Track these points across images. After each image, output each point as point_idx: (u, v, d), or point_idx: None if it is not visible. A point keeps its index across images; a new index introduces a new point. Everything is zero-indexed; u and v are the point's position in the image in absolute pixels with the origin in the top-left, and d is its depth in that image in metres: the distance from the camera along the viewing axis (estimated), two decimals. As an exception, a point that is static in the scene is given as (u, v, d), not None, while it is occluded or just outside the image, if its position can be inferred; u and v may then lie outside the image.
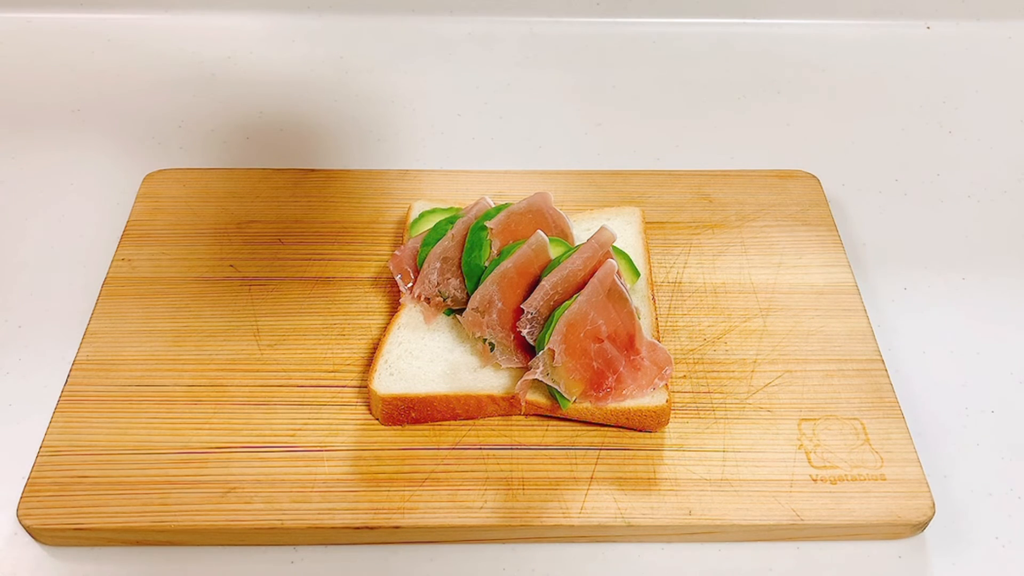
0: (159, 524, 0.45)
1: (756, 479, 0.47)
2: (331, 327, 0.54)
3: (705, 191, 0.63)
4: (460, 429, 0.49)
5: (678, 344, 0.54)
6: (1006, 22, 0.81)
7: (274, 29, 0.80)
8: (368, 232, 0.60)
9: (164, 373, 0.52)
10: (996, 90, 0.76)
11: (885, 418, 0.50)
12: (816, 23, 0.82)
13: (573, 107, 0.75)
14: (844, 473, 0.47)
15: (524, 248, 0.51)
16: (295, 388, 0.51)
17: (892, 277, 0.60)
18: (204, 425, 0.49)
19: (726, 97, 0.76)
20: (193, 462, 0.48)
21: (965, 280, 0.60)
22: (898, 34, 0.81)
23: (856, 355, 0.53)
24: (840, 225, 0.61)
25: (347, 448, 0.48)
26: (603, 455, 0.48)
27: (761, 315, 0.55)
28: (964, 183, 0.68)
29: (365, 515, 0.46)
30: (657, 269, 0.58)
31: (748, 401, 0.51)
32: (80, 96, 0.74)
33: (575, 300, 0.48)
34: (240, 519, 0.46)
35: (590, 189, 0.63)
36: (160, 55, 0.78)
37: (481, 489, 0.47)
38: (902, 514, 0.46)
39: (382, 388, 0.49)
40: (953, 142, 0.72)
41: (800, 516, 0.46)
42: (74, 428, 0.49)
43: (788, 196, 0.63)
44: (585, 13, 0.82)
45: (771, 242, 0.60)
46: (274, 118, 0.72)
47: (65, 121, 0.72)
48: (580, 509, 0.46)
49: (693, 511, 0.46)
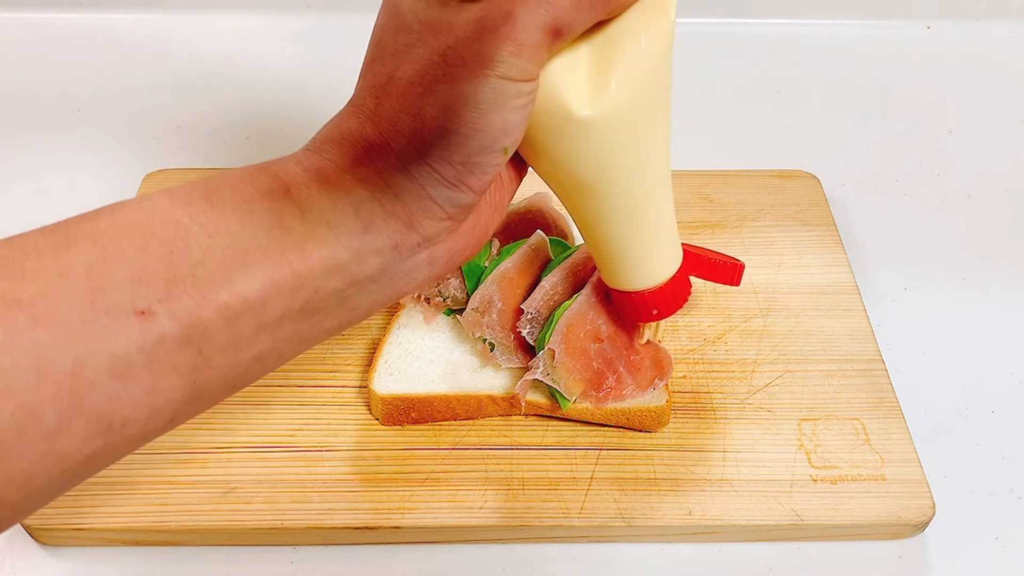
0: (159, 524, 0.45)
1: (756, 479, 0.47)
2: (331, 327, 0.54)
3: (705, 191, 0.63)
4: (460, 429, 0.49)
5: (678, 344, 0.54)
6: (1006, 22, 0.81)
7: (274, 29, 0.80)
8: (368, 232, 0.60)
9: (164, 373, 0.52)
10: (996, 90, 0.76)
11: (885, 418, 0.50)
12: (816, 23, 0.82)
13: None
14: (844, 473, 0.47)
15: (524, 248, 0.51)
16: (295, 388, 0.51)
17: (892, 277, 0.60)
18: (204, 425, 0.49)
19: (726, 97, 0.76)
20: (193, 462, 0.48)
21: (965, 280, 0.60)
22: (898, 34, 0.81)
23: (856, 355, 0.53)
24: (840, 225, 0.61)
25: (347, 448, 0.48)
26: (603, 455, 0.48)
27: (761, 315, 0.55)
28: (964, 183, 0.68)
29: (365, 515, 0.46)
30: (657, 269, 0.58)
31: (748, 401, 0.51)
32: (80, 96, 0.74)
33: (575, 300, 0.48)
34: (240, 519, 0.46)
35: (590, 189, 0.63)
36: (160, 55, 0.78)
37: (481, 489, 0.47)
38: (902, 514, 0.46)
39: (382, 388, 0.49)
40: (953, 142, 0.72)
41: (800, 516, 0.46)
42: (74, 428, 0.49)
43: (788, 196, 0.63)
44: (585, 13, 0.82)
45: (771, 242, 0.60)
46: (274, 118, 0.72)
47: (65, 121, 0.72)
48: (580, 509, 0.46)
49: (693, 511, 0.46)
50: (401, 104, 0.32)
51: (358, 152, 0.33)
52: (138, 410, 0.29)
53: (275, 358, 0.34)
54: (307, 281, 0.32)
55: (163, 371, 0.29)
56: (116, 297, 0.29)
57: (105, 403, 0.28)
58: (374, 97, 0.33)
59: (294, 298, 0.32)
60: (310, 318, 0.33)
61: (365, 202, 0.33)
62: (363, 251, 0.33)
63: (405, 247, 0.34)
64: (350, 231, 0.33)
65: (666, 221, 0.43)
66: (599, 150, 0.37)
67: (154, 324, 0.29)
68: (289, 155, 0.34)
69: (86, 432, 0.28)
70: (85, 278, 0.28)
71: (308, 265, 0.32)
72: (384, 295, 0.35)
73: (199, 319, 0.30)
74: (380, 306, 0.36)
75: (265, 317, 0.31)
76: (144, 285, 0.29)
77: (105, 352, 0.28)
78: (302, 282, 0.32)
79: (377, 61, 0.34)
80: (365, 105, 0.34)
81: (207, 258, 0.30)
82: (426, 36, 0.32)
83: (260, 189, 0.32)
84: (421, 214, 0.33)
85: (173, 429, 0.32)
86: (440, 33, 0.32)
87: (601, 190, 0.39)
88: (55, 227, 0.30)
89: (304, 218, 0.32)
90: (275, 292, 0.31)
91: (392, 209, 0.33)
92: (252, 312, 0.31)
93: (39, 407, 0.27)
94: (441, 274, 0.37)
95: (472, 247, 0.37)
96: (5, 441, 0.27)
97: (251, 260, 0.31)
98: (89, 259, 0.29)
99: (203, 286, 0.30)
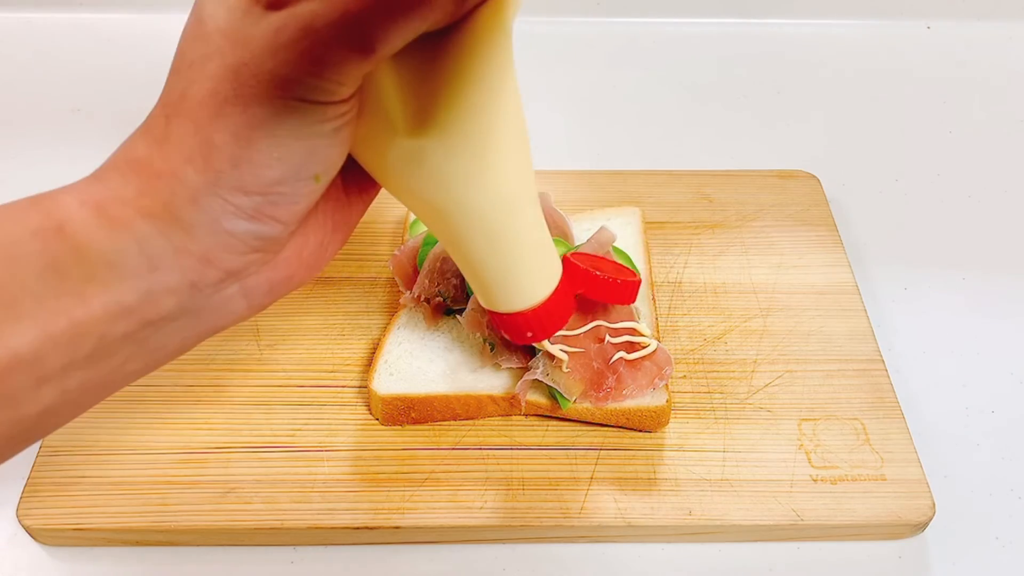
0: (159, 524, 0.45)
1: (756, 479, 0.47)
2: (331, 327, 0.54)
3: (705, 191, 0.63)
4: (460, 429, 0.49)
5: (678, 344, 0.54)
6: (1006, 22, 0.81)
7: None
8: (367, 232, 0.60)
9: (164, 373, 0.51)
10: (996, 90, 0.76)
11: (885, 418, 0.50)
12: (816, 23, 0.82)
13: (573, 107, 0.75)
14: (844, 473, 0.47)
15: (524, 248, 0.51)
16: (295, 388, 0.51)
17: (892, 277, 0.60)
18: (204, 425, 0.49)
19: (726, 97, 0.76)
20: (193, 462, 0.48)
21: (965, 280, 0.60)
22: (898, 34, 0.81)
23: (856, 355, 0.53)
24: (840, 225, 0.61)
25: (347, 448, 0.48)
26: (603, 455, 0.48)
27: (761, 315, 0.55)
28: (964, 183, 0.68)
29: (365, 515, 0.46)
30: (657, 269, 0.58)
31: (748, 401, 0.51)
32: (80, 96, 0.74)
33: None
34: (240, 519, 0.46)
35: (590, 189, 0.63)
36: (160, 55, 0.78)
37: (481, 489, 0.47)
38: (902, 514, 0.46)
39: (382, 388, 0.49)
40: (953, 142, 0.72)
41: (800, 516, 0.46)
42: (74, 428, 0.49)
43: (788, 196, 0.63)
44: (585, 13, 0.82)
45: (771, 242, 0.60)
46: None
47: (65, 121, 0.72)
48: (580, 509, 0.46)
49: (693, 511, 0.46)
50: (191, 127, 0.29)
51: (143, 181, 0.29)
52: None
53: (70, 408, 0.30)
54: (89, 328, 0.28)
55: None
56: None
57: None
58: (164, 117, 0.30)
59: (77, 347, 0.28)
60: (102, 364, 0.30)
61: (151, 238, 0.29)
62: (153, 291, 0.29)
63: (205, 284, 0.30)
64: (134, 271, 0.29)
65: (530, 241, 0.40)
66: (437, 174, 0.34)
67: None
68: (69, 185, 0.30)
69: None
70: None
71: (88, 312, 0.28)
72: (195, 331, 0.32)
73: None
74: (197, 340, 0.32)
75: (44, 370, 0.28)
76: None
77: None
78: (83, 330, 0.28)
79: (173, 74, 0.30)
80: (155, 126, 0.30)
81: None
82: (223, 48, 0.28)
83: (29, 228, 0.28)
84: (218, 249, 0.30)
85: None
86: (237, 46, 0.28)
87: (450, 214, 0.36)
88: None
89: (80, 259, 0.28)
90: (51, 344, 0.28)
91: (182, 245, 0.29)
92: (26, 367, 0.28)
93: None
94: (268, 303, 0.33)
95: (303, 274, 0.34)
96: None
97: (22, 311, 0.27)
98: None
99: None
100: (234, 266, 0.31)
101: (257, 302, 0.33)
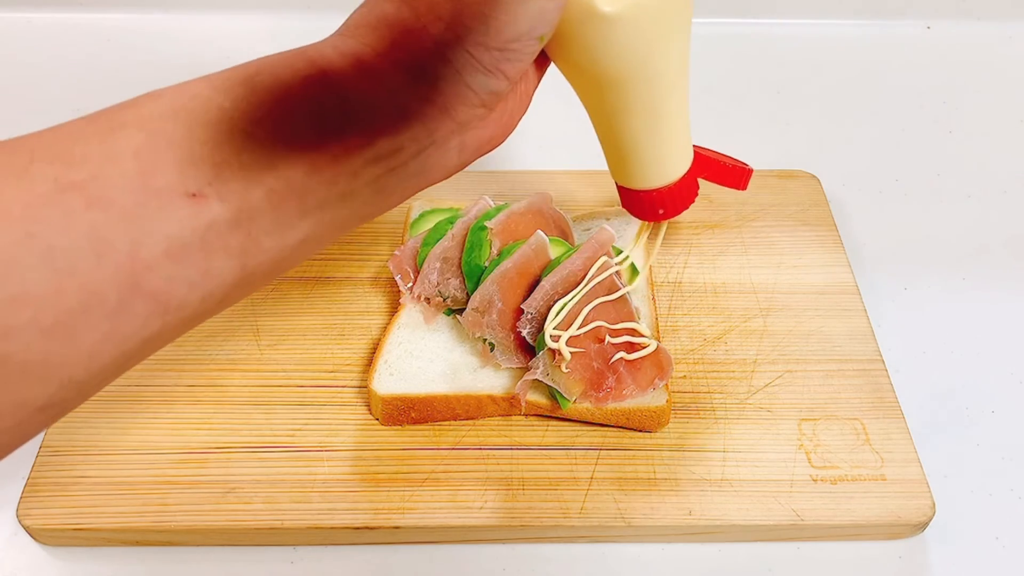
0: (159, 524, 0.45)
1: (756, 479, 0.47)
2: (331, 327, 0.54)
3: (705, 191, 0.63)
4: (460, 429, 0.49)
5: (678, 344, 0.54)
6: (1006, 22, 0.81)
7: (274, 29, 0.80)
8: (367, 232, 0.60)
9: (164, 373, 0.52)
10: (996, 90, 0.76)
11: (885, 418, 0.50)
12: (816, 23, 0.82)
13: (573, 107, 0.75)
14: (844, 473, 0.47)
15: (524, 248, 0.51)
16: (295, 388, 0.51)
17: (892, 277, 0.60)
18: (204, 425, 0.49)
19: (726, 97, 0.76)
20: (193, 462, 0.48)
21: (965, 280, 0.60)
22: (898, 34, 0.81)
23: (856, 355, 0.53)
24: (840, 225, 0.61)
25: (347, 448, 0.48)
26: (603, 455, 0.48)
27: (761, 315, 0.55)
28: (964, 183, 0.68)
29: (365, 515, 0.46)
30: (657, 269, 0.58)
31: (748, 401, 0.51)
32: (80, 96, 0.74)
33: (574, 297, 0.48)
34: (240, 519, 0.46)
35: (590, 189, 0.63)
36: (160, 55, 0.78)
37: (481, 489, 0.47)
38: (902, 514, 0.46)
39: (382, 388, 0.49)
40: (953, 142, 0.72)
41: (800, 516, 0.46)
42: (74, 428, 0.49)
43: (788, 196, 0.63)
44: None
45: (771, 242, 0.60)
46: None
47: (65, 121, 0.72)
48: (580, 509, 0.46)
49: (693, 511, 0.46)
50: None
51: (395, 37, 0.33)
52: (192, 292, 0.30)
53: (315, 243, 0.34)
54: (345, 169, 0.32)
55: (215, 253, 0.30)
56: (166, 180, 0.29)
57: (162, 284, 0.29)
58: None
59: (332, 186, 0.32)
60: (347, 203, 0.33)
61: (402, 89, 0.32)
62: (399, 137, 0.33)
63: (439, 133, 0.33)
64: (387, 117, 0.32)
65: (682, 119, 0.44)
66: (623, 45, 0.38)
67: (205, 207, 0.29)
68: (325, 39, 0.33)
69: (145, 313, 0.29)
70: (134, 162, 0.29)
71: (347, 155, 0.32)
72: (417, 181, 0.35)
73: (248, 203, 0.30)
74: (412, 193, 0.36)
75: (307, 203, 0.31)
76: (193, 168, 0.29)
77: (160, 234, 0.28)
78: (341, 170, 0.32)
79: None
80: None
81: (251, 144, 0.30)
82: None
83: (298, 75, 0.32)
84: (456, 100, 0.33)
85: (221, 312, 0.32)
86: None
87: (623, 85, 0.40)
88: (97, 115, 0.30)
89: (342, 106, 0.32)
90: (316, 180, 0.31)
91: (428, 95, 0.33)
92: (295, 197, 0.31)
93: (101, 287, 0.27)
94: (469, 162, 0.37)
95: (499, 135, 0.37)
96: (72, 320, 0.27)
97: (295, 147, 0.31)
98: (136, 144, 0.29)
99: (250, 170, 0.30)
100: (465, 118, 0.34)
101: (466, 158, 0.36)
